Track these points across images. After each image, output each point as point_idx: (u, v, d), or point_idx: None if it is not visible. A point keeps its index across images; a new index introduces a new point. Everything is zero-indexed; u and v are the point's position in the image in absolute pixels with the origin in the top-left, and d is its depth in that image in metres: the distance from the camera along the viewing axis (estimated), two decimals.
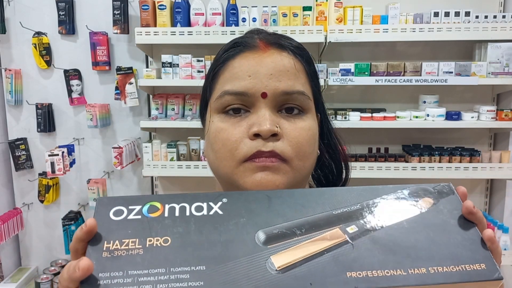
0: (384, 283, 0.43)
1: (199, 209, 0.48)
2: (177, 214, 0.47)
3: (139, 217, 0.47)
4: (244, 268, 0.43)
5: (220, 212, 0.48)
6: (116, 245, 0.45)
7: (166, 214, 0.47)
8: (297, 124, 0.64)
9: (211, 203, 0.49)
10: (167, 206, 0.48)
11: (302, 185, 0.70)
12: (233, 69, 0.65)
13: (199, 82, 2.36)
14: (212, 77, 0.68)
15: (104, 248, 0.44)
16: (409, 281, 0.43)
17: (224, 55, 0.68)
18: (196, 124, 2.36)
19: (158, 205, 0.48)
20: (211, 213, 0.48)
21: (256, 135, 0.62)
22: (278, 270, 0.43)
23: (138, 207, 0.48)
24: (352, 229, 0.47)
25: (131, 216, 0.47)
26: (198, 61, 2.34)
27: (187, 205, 0.48)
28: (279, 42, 0.67)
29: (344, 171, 0.78)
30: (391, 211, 0.49)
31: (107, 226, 0.46)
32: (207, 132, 0.68)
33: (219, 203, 0.49)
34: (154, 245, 0.45)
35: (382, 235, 0.47)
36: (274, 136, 0.62)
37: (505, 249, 2.35)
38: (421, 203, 0.50)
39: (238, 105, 0.64)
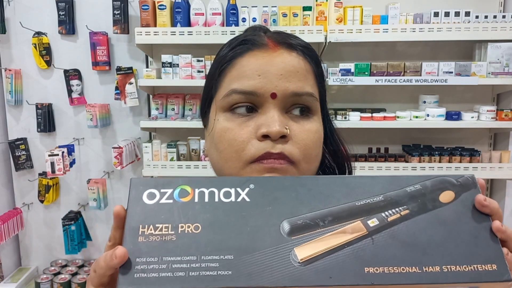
0: (398, 280, 0.44)
1: (227, 195, 0.49)
2: (206, 199, 0.49)
3: (171, 201, 0.48)
4: (269, 259, 0.45)
5: (247, 200, 0.49)
6: (151, 229, 0.46)
7: (196, 199, 0.49)
8: (305, 126, 0.63)
9: (238, 189, 0.50)
10: (197, 191, 0.49)
11: None
12: (241, 67, 0.63)
13: (199, 82, 2.36)
14: (218, 74, 0.66)
15: (140, 233, 0.46)
16: (422, 279, 0.44)
17: (230, 53, 0.66)
18: (196, 124, 2.36)
19: (188, 189, 0.49)
20: (239, 200, 0.49)
21: (265, 136, 0.60)
22: (301, 263, 0.45)
23: (169, 191, 0.49)
24: (373, 222, 0.48)
25: (163, 200, 0.48)
26: (198, 61, 2.34)
27: (216, 190, 0.50)
28: (289, 42, 0.66)
29: (347, 172, 0.78)
30: (412, 204, 0.50)
31: (142, 210, 0.48)
32: (211, 131, 0.66)
33: (247, 189, 0.50)
34: (186, 231, 0.46)
35: (401, 230, 0.47)
36: (283, 137, 0.61)
37: None
38: (442, 196, 0.50)
39: (246, 104, 0.63)
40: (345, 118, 2.33)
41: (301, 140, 0.62)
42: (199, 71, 2.35)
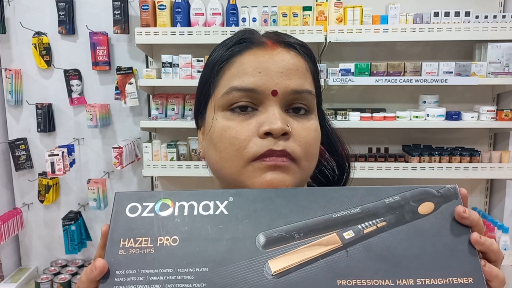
0: None
1: (206, 208, 0.50)
2: (185, 213, 0.50)
3: (152, 215, 0.50)
4: (243, 271, 0.46)
5: (226, 212, 0.50)
6: (131, 242, 0.48)
7: (176, 213, 0.50)
8: (305, 124, 0.64)
9: (217, 202, 0.51)
10: (177, 204, 0.51)
11: (304, 184, 0.70)
12: (241, 65, 0.63)
13: None
14: (216, 73, 0.65)
15: (121, 246, 0.48)
16: None
17: (228, 52, 0.65)
18: None
19: (169, 202, 0.51)
20: (217, 212, 0.50)
21: (267, 134, 0.60)
22: (274, 275, 0.45)
23: (151, 204, 0.51)
24: (348, 234, 0.48)
25: (144, 214, 0.50)
26: (198, 61, 2.35)
27: (195, 204, 0.51)
28: (287, 41, 0.66)
29: (345, 170, 0.78)
30: (390, 216, 0.49)
31: (124, 223, 0.50)
32: (209, 131, 0.65)
33: (225, 202, 0.51)
34: (164, 244, 0.48)
35: (376, 242, 0.48)
36: (285, 135, 0.61)
37: (505, 249, 2.35)
38: (422, 207, 0.50)
39: (246, 102, 0.62)
40: (345, 118, 2.33)
41: (302, 137, 0.62)
42: (199, 71, 2.35)
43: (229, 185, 0.66)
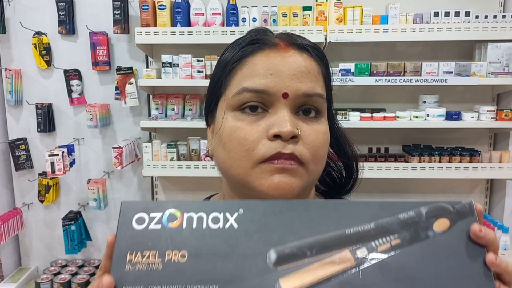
0: None
1: (216, 220, 0.49)
2: (194, 226, 0.49)
3: (159, 226, 0.49)
4: None
5: (235, 226, 0.48)
6: (138, 257, 0.47)
7: (184, 225, 0.49)
8: (314, 127, 0.63)
9: (227, 214, 0.49)
10: (185, 216, 0.49)
11: (311, 187, 0.70)
12: (253, 66, 0.63)
13: (199, 82, 2.36)
14: (228, 73, 0.65)
15: (127, 261, 0.47)
16: None
17: (240, 52, 0.65)
18: (196, 124, 2.36)
19: (177, 213, 0.49)
20: (227, 226, 0.49)
21: (276, 136, 0.60)
22: None
23: (158, 215, 0.49)
24: (362, 252, 0.47)
25: (152, 226, 0.49)
26: (198, 61, 2.34)
27: (204, 216, 0.49)
28: (299, 43, 0.66)
29: (353, 172, 0.77)
30: (404, 233, 0.48)
31: (131, 236, 0.48)
32: (218, 130, 0.66)
33: (235, 215, 0.49)
34: (172, 260, 0.47)
35: (390, 261, 0.46)
36: (294, 138, 0.61)
37: (505, 249, 2.35)
38: (437, 224, 0.49)
39: (256, 103, 0.62)
40: (345, 118, 2.33)
41: (311, 141, 0.62)
42: (199, 71, 2.35)
43: (237, 185, 0.66)
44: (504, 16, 2.27)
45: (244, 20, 2.32)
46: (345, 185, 0.77)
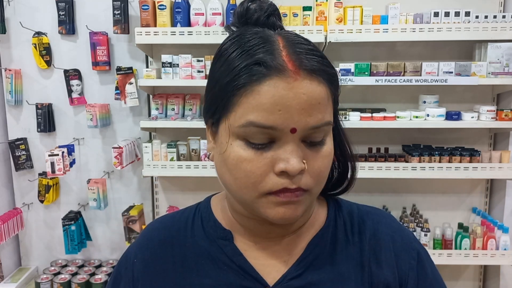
0: None
1: None
2: None
3: None
4: None
5: None
6: None
7: None
8: (319, 152, 0.63)
9: None
10: None
11: (313, 202, 0.72)
12: (260, 98, 0.58)
13: (200, 82, 2.36)
14: (230, 94, 0.61)
15: None
16: None
17: (244, 76, 0.59)
18: (196, 124, 2.36)
19: None
20: None
21: (283, 172, 0.60)
22: None
23: None
24: None
25: None
26: (198, 61, 2.34)
27: None
28: (311, 68, 0.60)
29: (350, 171, 0.77)
30: None
31: None
32: (223, 152, 0.64)
33: None
34: None
35: None
36: (301, 172, 0.61)
37: (505, 249, 2.35)
38: None
39: (264, 137, 0.60)
40: (345, 118, 2.33)
41: (316, 168, 0.63)
42: (199, 71, 2.35)
43: (243, 204, 0.68)
44: (504, 16, 2.27)
45: None
46: (339, 184, 0.78)
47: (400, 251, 0.73)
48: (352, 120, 2.32)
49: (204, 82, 2.29)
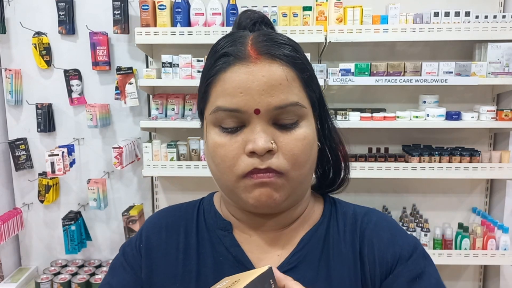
0: None
1: None
2: None
3: None
4: None
5: None
6: None
7: None
8: (292, 135, 0.65)
9: None
10: None
11: (303, 186, 0.71)
12: (224, 84, 0.64)
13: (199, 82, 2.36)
14: (205, 88, 0.68)
15: None
16: None
17: (214, 66, 0.67)
18: (196, 124, 2.36)
19: None
20: None
21: (252, 152, 0.63)
22: None
23: None
24: None
25: None
26: (198, 61, 2.34)
27: None
28: (271, 52, 0.65)
29: (342, 170, 0.78)
30: None
31: None
32: (206, 142, 0.69)
33: None
34: None
35: None
36: (270, 152, 0.63)
37: (505, 249, 2.35)
38: None
39: (232, 122, 0.64)
40: (345, 118, 2.33)
41: (289, 150, 0.64)
42: (199, 71, 2.35)
43: (229, 193, 0.70)
44: (504, 16, 2.27)
45: None
46: (333, 183, 0.79)
47: (388, 249, 0.72)
48: (352, 120, 2.32)
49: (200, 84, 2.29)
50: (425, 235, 2.39)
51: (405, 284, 0.69)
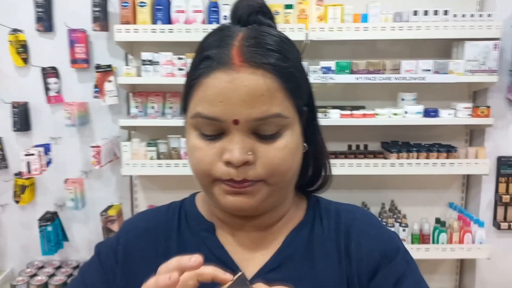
0: None
1: None
2: None
3: None
4: None
5: None
6: None
7: None
8: (272, 145, 0.63)
9: None
10: None
11: (284, 191, 0.71)
12: (205, 90, 0.62)
13: (180, 80, 2.33)
14: (187, 88, 0.66)
15: None
16: None
17: (196, 70, 0.64)
18: (177, 122, 2.33)
19: None
20: None
21: (229, 162, 0.62)
22: None
23: None
24: None
25: None
26: (179, 58, 2.32)
27: None
28: (255, 60, 0.61)
29: (324, 170, 0.78)
30: None
31: None
32: (187, 140, 0.69)
33: None
34: None
35: None
36: (247, 162, 0.62)
37: (480, 243, 2.40)
38: None
39: (211, 130, 0.63)
40: (325, 115, 2.34)
41: (267, 160, 0.63)
42: (180, 69, 2.33)
43: (206, 194, 0.70)
44: (481, 15, 2.32)
45: (225, 17, 2.31)
46: (316, 181, 0.78)
47: (376, 246, 0.73)
48: (332, 118, 2.34)
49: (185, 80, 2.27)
50: (403, 230, 2.42)
51: (391, 286, 0.70)
